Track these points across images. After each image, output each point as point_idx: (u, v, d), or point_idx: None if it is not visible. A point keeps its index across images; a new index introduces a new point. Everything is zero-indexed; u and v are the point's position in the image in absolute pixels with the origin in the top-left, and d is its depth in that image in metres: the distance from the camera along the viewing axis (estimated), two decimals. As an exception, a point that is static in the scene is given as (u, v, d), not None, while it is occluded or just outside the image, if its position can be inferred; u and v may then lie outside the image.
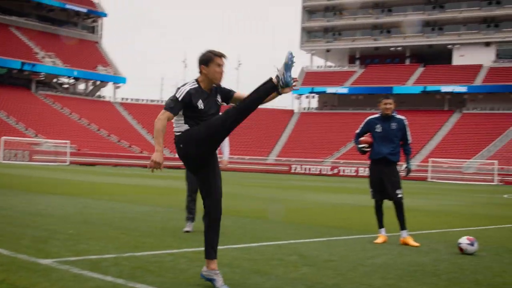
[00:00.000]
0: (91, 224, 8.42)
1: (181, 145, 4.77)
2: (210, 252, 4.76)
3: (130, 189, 18.10)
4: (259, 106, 4.76)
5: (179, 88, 4.69)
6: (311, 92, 72.87)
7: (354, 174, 52.46)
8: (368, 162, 8.06)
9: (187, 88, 4.69)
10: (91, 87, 73.11)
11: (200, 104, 4.69)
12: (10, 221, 8.27)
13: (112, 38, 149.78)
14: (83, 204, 11.50)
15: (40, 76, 67.19)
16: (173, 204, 12.41)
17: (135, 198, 13.92)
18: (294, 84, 4.57)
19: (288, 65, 4.51)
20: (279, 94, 4.61)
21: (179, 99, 4.64)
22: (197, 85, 4.75)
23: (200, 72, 4.79)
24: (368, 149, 7.92)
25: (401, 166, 8.01)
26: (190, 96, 4.66)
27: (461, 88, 64.99)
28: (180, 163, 8.45)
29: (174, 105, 4.63)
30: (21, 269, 5.00)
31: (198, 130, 4.66)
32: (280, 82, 4.55)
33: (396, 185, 7.78)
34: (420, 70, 71.14)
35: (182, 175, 8.44)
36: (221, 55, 4.77)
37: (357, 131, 8.09)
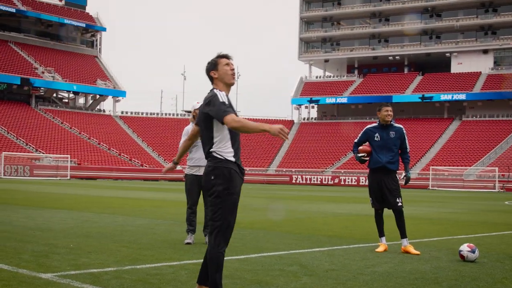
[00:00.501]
0: (91, 237, 8.42)
1: (212, 177, 4.44)
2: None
3: (130, 202, 18.10)
4: (259, 117, 4.70)
5: (214, 96, 4.40)
6: (310, 102, 73.06)
7: (355, 183, 52.42)
8: (368, 171, 8.08)
9: (223, 92, 4.45)
10: (90, 101, 73.25)
11: (234, 109, 4.49)
12: (11, 236, 8.27)
13: (111, 52, 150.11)
14: (84, 218, 11.49)
15: (40, 91, 67.37)
16: (174, 217, 12.41)
17: (136, 211, 13.91)
18: None
19: None
20: None
21: (225, 102, 4.37)
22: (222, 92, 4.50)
23: (213, 80, 4.59)
24: (367, 158, 7.93)
25: (400, 175, 8.02)
26: (228, 100, 4.44)
27: (460, 96, 65.09)
28: (180, 175, 8.44)
29: (226, 107, 4.33)
30: (22, 284, 5.01)
31: (236, 195, 4.47)
32: None
33: (396, 194, 7.78)
34: (418, 78, 71.32)
35: (182, 187, 8.44)
36: (225, 56, 4.64)
37: (356, 140, 8.10)
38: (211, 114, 4.40)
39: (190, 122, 8.43)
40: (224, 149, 4.44)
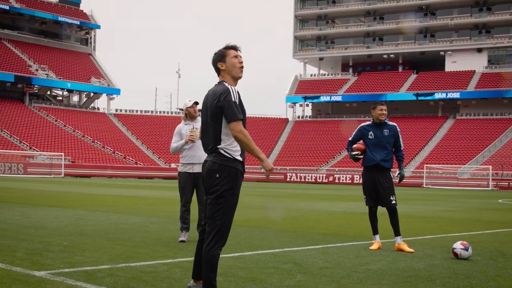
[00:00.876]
0: (85, 235, 8.40)
1: (218, 176, 4.34)
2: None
3: (124, 200, 18.08)
4: (254, 115, 4.63)
5: (226, 92, 4.26)
6: (305, 100, 73.11)
7: (350, 181, 52.50)
8: (362, 169, 8.08)
9: (236, 89, 4.32)
10: (85, 99, 73.10)
11: (243, 106, 4.39)
12: (5, 234, 8.25)
13: (106, 49, 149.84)
14: (78, 216, 11.48)
15: (34, 88, 67.14)
16: (168, 215, 12.40)
17: (130, 209, 13.90)
18: None
19: None
20: None
21: (237, 102, 4.26)
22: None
23: (220, 73, 4.44)
24: (361, 156, 7.94)
25: (394, 173, 8.03)
26: (240, 97, 4.32)
27: (454, 94, 65.27)
28: (174, 173, 8.43)
29: (238, 111, 4.23)
30: (15, 281, 5.00)
31: (238, 196, 4.43)
32: None
33: (390, 192, 7.80)
34: (413, 77, 71.46)
35: (176, 185, 8.43)
36: (233, 47, 4.47)
37: (350, 138, 8.12)
38: (222, 109, 4.25)
39: (182, 120, 8.37)
40: (232, 147, 4.33)
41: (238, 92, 4.33)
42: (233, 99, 4.24)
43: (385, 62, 75.80)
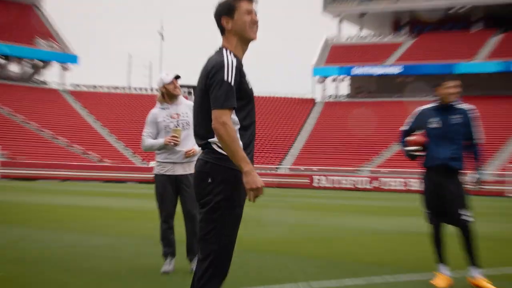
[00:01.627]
0: (28, 263, 8.43)
1: (210, 181, 4.34)
2: None
3: (85, 213, 18.14)
4: (269, 94, 4.55)
5: (218, 67, 4.26)
6: (339, 74, 73.02)
7: (403, 187, 52.46)
8: (421, 171, 8.06)
9: (233, 63, 4.29)
10: (27, 69, 73.16)
11: (249, 83, 4.39)
12: None
13: (58, 1, 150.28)
14: (19, 236, 11.52)
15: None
16: (146, 233, 12.42)
17: (93, 226, 13.95)
18: None
19: None
20: None
21: (232, 83, 4.25)
22: (233, 55, 4.36)
23: (224, 32, 4.44)
24: (420, 153, 7.92)
25: (468, 176, 8.00)
26: (240, 74, 4.32)
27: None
28: (152, 175, 8.39)
29: (231, 95, 4.22)
30: None
31: (241, 208, 4.44)
32: None
33: (461, 203, 7.77)
34: (495, 39, 71.08)
35: (153, 191, 8.36)
36: None
37: (404, 128, 8.11)
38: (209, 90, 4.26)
39: (158, 103, 8.32)
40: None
41: (237, 67, 4.29)
42: (226, 78, 4.22)
43: (455, 18, 75.38)
